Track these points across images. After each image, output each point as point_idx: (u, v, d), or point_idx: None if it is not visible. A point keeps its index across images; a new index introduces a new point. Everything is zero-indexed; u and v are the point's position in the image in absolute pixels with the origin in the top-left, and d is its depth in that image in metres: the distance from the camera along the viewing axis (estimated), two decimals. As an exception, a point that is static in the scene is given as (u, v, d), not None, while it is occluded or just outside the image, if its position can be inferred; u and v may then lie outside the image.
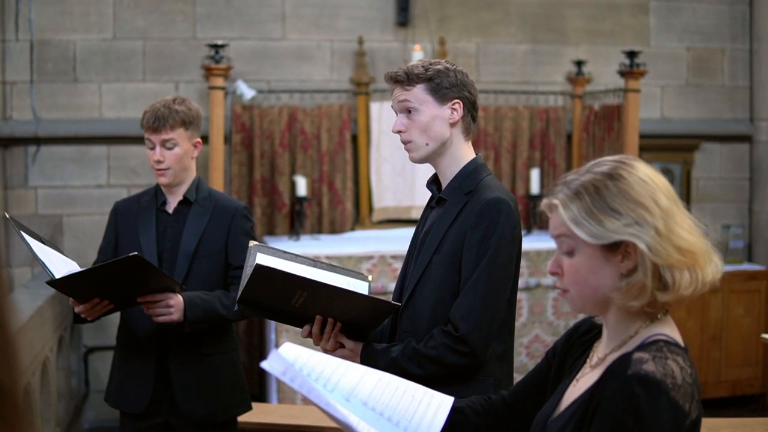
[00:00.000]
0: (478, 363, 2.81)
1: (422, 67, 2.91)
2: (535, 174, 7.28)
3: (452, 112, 2.92)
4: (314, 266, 3.04)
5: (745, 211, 7.89)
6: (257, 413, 4.63)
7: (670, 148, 7.63)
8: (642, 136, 6.84)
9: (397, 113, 2.97)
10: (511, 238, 2.84)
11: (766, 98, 7.70)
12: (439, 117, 2.91)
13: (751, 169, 7.87)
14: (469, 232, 2.81)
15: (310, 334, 2.89)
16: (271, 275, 2.69)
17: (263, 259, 2.96)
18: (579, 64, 7.45)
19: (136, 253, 3.26)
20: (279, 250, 3.10)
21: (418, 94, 2.91)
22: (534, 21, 7.53)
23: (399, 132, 2.95)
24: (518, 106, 7.39)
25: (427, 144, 2.92)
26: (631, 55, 6.75)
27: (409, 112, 2.92)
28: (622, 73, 6.79)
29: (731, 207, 7.86)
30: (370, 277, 3.14)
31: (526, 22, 7.52)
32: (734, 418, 5.19)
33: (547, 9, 7.54)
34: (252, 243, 3.05)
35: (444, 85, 2.90)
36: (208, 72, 6.52)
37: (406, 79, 2.92)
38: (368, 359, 2.81)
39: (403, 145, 2.98)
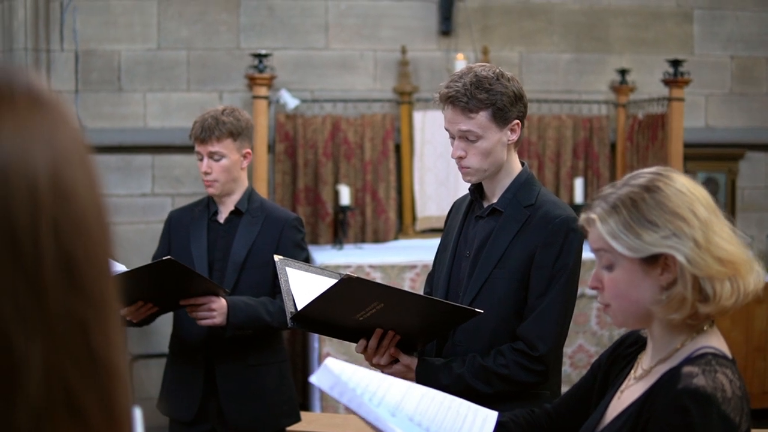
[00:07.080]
0: (546, 381, 2.79)
1: (485, 90, 2.76)
2: (578, 183, 7.23)
3: (511, 133, 2.83)
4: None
5: (790, 220, 7.82)
6: (301, 422, 4.64)
7: (714, 158, 7.56)
8: (686, 145, 6.78)
9: (454, 136, 2.85)
10: (580, 257, 2.83)
11: (811, 107, 7.63)
12: (500, 142, 2.82)
13: (797, 178, 7.80)
14: (541, 249, 2.76)
15: (365, 349, 2.81)
16: (357, 286, 2.56)
17: (296, 274, 2.91)
18: (623, 72, 7.40)
19: (169, 257, 3.27)
20: (304, 263, 3.07)
21: (482, 122, 2.79)
22: (577, 30, 7.50)
23: (459, 158, 2.84)
24: (561, 115, 7.36)
25: (485, 169, 2.84)
26: (675, 63, 6.71)
27: (470, 138, 2.82)
28: (666, 82, 6.74)
29: (776, 216, 7.79)
30: None
31: (569, 31, 7.49)
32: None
33: (590, 18, 7.51)
34: (277, 258, 2.99)
35: (506, 108, 2.79)
36: (252, 81, 6.55)
37: (467, 105, 2.78)
38: (426, 375, 2.74)
39: (456, 163, 2.88)
